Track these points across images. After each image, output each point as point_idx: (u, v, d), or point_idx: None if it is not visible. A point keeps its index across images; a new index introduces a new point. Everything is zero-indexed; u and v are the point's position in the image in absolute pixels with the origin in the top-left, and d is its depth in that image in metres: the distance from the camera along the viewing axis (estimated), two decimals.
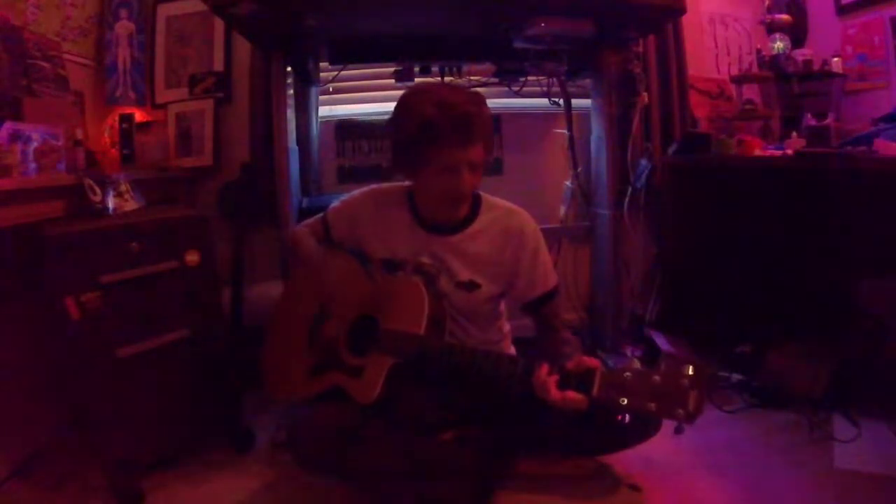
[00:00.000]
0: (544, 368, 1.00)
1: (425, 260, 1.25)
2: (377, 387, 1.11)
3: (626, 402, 0.89)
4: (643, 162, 2.14)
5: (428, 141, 1.12)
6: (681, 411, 0.85)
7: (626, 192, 2.11)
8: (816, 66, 2.09)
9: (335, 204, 1.38)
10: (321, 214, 1.39)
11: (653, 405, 0.87)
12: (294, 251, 1.40)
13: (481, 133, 1.13)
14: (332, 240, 1.36)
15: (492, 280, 1.26)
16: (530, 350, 1.32)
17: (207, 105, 2.14)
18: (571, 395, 0.96)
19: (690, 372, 0.87)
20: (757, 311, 1.93)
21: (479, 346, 1.27)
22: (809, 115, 1.84)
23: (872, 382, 1.63)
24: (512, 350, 1.40)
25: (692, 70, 2.24)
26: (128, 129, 2.04)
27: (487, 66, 2.03)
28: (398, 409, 1.18)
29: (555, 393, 0.97)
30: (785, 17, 2.17)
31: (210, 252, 1.49)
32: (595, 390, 0.93)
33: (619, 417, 0.89)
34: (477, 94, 1.20)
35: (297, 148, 1.92)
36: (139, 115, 2.11)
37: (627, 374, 0.90)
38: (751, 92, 2.24)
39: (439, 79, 1.98)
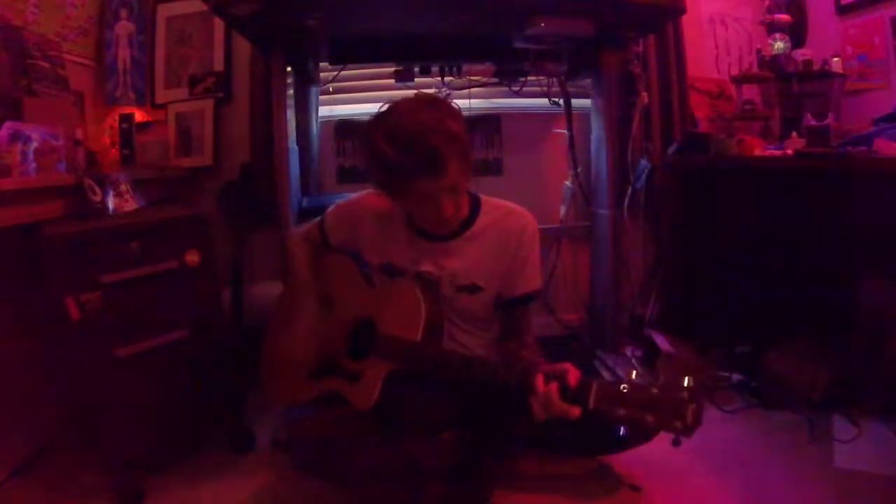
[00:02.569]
0: (539, 379, 0.98)
1: (426, 268, 1.24)
2: (374, 393, 1.11)
3: (622, 413, 0.88)
4: (643, 162, 2.14)
5: (396, 180, 1.07)
6: (678, 424, 0.84)
7: (626, 192, 2.11)
8: (816, 66, 2.08)
9: (332, 209, 1.37)
10: (318, 220, 1.37)
11: (650, 417, 0.86)
12: (287, 263, 1.40)
13: (451, 155, 1.04)
14: (330, 245, 1.35)
15: (492, 281, 1.25)
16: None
17: (207, 105, 2.14)
18: (567, 407, 0.94)
19: (689, 384, 0.86)
20: (757, 311, 1.93)
21: (476, 349, 1.28)
22: (809, 115, 1.84)
23: (872, 382, 1.62)
24: None
25: (692, 70, 2.24)
26: (128, 129, 2.04)
27: (487, 66, 2.03)
28: (396, 412, 1.18)
29: (559, 405, 0.95)
30: (785, 17, 2.17)
31: (210, 252, 1.49)
32: (592, 402, 0.91)
33: (617, 429, 0.88)
34: (441, 106, 1.11)
35: (297, 148, 1.92)
36: (139, 115, 2.11)
37: (624, 386, 0.89)
38: (751, 92, 2.24)
39: (439, 79, 1.98)
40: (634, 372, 1.86)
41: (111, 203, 1.53)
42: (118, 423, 1.35)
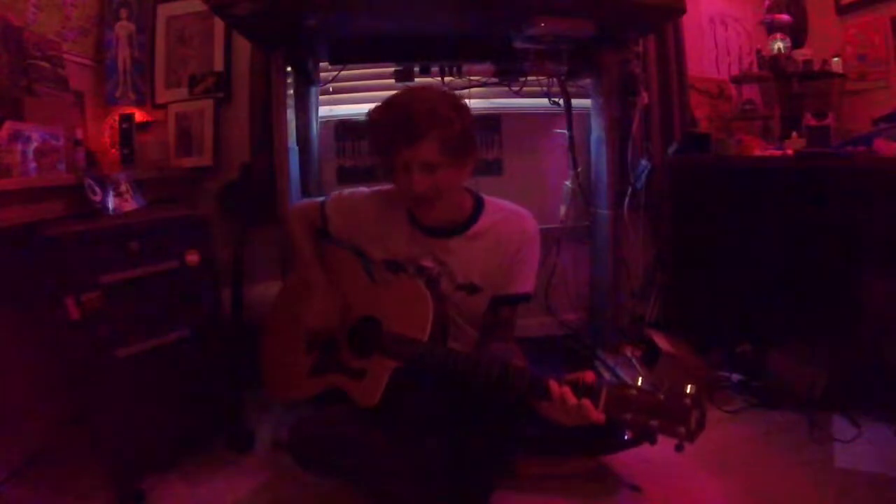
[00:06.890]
0: (553, 383, 0.98)
1: (427, 263, 1.25)
2: (379, 390, 1.11)
3: (629, 417, 0.91)
4: (643, 162, 2.14)
5: (380, 144, 1.14)
6: (682, 430, 0.87)
7: (626, 192, 2.11)
8: (816, 66, 2.09)
9: (334, 197, 1.36)
10: (319, 200, 1.37)
11: (655, 422, 0.89)
12: (291, 251, 1.40)
13: (430, 131, 1.08)
14: (329, 231, 1.34)
15: (489, 282, 1.25)
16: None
17: (207, 105, 2.14)
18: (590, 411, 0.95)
19: (693, 391, 0.89)
20: (757, 310, 1.93)
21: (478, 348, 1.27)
22: (809, 115, 1.84)
23: (873, 382, 1.62)
24: None
25: (692, 70, 2.24)
26: (128, 129, 2.04)
27: (487, 66, 2.03)
28: (399, 411, 1.19)
29: (579, 409, 0.95)
30: (785, 17, 2.17)
31: (210, 252, 1.49)
32: (601, 405, 0.93)
33: (622, 432, 0.91)
34: (445, 95, 1.16)
35: (297, 148, 1.92)
36: (139, 115, 2.10)
37: (632, 390, 0.92)
38: (751, 92, 2.24)
39: (439, 79, 1.98)
40: (640, 378, 1.87)
41: (111, 203, 1.53)
42: (118, 423, 1.35)
